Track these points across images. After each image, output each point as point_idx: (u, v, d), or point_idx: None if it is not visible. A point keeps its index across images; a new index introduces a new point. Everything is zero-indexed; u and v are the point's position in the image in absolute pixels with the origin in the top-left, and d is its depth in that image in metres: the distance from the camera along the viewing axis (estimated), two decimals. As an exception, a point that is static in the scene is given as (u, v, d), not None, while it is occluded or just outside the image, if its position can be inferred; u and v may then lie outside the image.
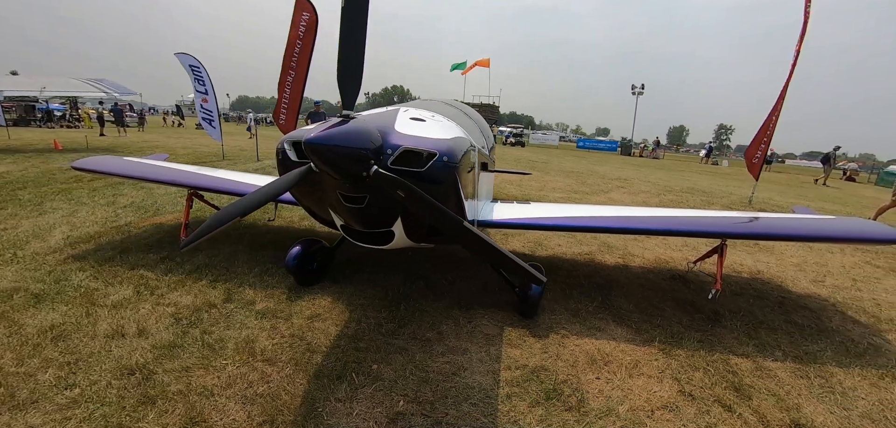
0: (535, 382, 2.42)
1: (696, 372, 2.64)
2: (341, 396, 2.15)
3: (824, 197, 14.22)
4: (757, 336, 3.15)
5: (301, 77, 10.02)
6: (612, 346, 2.88)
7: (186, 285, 3.30)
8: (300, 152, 2.09)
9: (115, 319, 2.72)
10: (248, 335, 2.65)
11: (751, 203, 9.84)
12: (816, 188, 17.64)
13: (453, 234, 1.77)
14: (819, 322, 3.45)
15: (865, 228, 3.22)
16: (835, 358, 2.89)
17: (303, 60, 9.89)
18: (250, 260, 3.90)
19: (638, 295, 3.78)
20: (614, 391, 2.40)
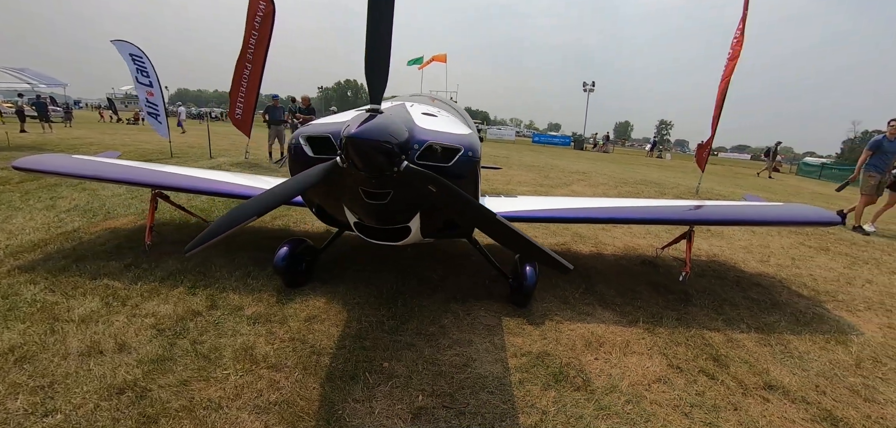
0: (542, 366, 2.52)
1: (678, 347, 2.89)
2: (358, 396, 2.11)
3: (760, 187, 15.87)
4: (723, 312, 3.48)
5: (258, 70, 9.52)
6: (602, 328, 3.06)
7: (162, 293, 3.05)
8: (316, 147, 2.00)
9: (86, 335, 2.45)
10: (244, 342, 2.51)
11: (697, 192, 10.78)
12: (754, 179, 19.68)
13: (485, 225, 1.80)
14: (771, 297, 3.89)
15: (809, 213, 3.69)
16: (788, 327, 3.28)
17: (259, 53, 9.40)
18: (228, 263, 3.66)
19: (616, 280, 4.02)
20: (613, 370, 2.56)
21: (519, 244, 1.78)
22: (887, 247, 6.17)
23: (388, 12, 1.60)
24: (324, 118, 2.35)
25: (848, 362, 2.81)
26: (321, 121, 2.24)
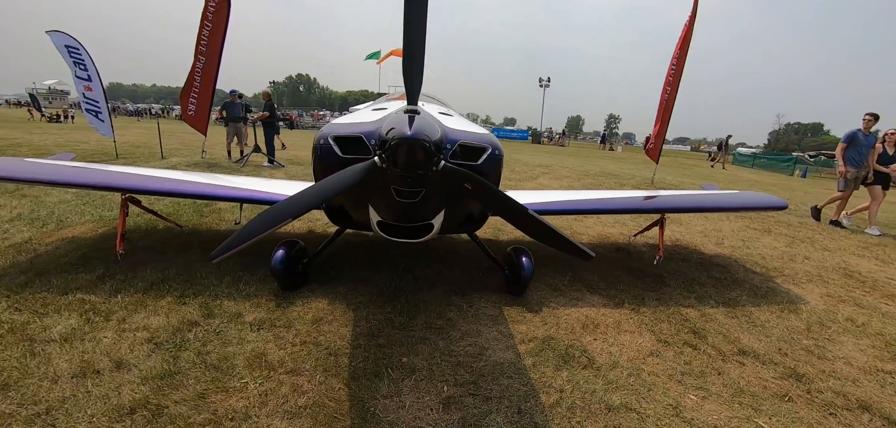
0: (549, 350, 2.68)
1: (662, 324, 3.17)
2: (386, 392, 2.14)
3: (705, 176, 17.35)
4: (694, 290, 3.86)
5: (213, 63, 8.96)
6: (594, 312, 3.29)
7: (148, 305, 2.85)
8: (345, 148, 1.98)
9: (74, 355, 2.26)
10: (254, 349, 2.43)
11: (653, 183, 11.63)
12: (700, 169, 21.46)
13: (516, 218, 1.89)
14: (730, 275, 4.35)
15: (761, 199, 4.18)
16: (749, 300, 3.71)
17: (214, 45, 8.85)
18: (214, 269, 3.48)
19: (597, 268, 4.29)
20: (612, 348, 2.78)
21: (546, 235, 1.90)
22: (817, 228, 7.08)
23: (422, 14, 1.63)
24: (343, 118, 2.33)
25: (801, 328, 3.24)
26: (343, 121, 2.22)
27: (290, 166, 10.16)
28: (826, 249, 5.56)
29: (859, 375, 2.63)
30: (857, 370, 2.69)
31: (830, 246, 5.76)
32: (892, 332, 3.24)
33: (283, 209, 1.74)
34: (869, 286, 4.20)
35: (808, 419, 2.19)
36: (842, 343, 3.03)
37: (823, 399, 2.37)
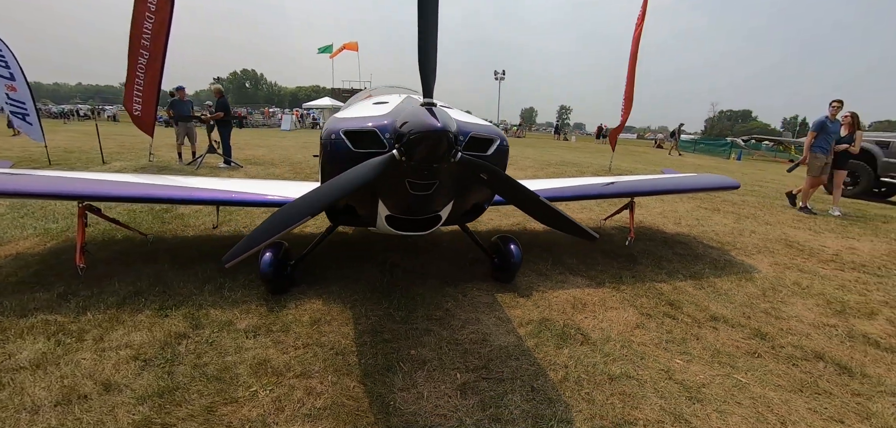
0: (547, 331, 2.81)
1: (641, 299, 3.42)
2: (401, 385, 2.15)
3: (654, 161, 18.56)
4: (663, 267, 4.18)
5: (158, 59, 8.29)
6: (580, 292, 3.48)
7: (125, 321, 2.64)
8: (356, 142, 1.94)
9: (52, 382, 2.05)
10: (254, 356, 2.34)
11: (610, 169, 12.31)
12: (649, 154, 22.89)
13: (529, 205, 1.96)
14: (692, 251, 4.75)
15: (718, 180, 4.60)
16: (711, 272, 4.08)
17: (158, 39, 8.17)
18: (191, 278, 3.28)
19: (574, 251, 4.52)
20: (602, 324, 2.96)
21: (555, 219, 2.00)
22: (759, 204, 7.86)
23: (435, 11, 1.65)
24: (344, 113, 2.27)
25: (757, 293, 3.63)
26: (348, 115, 2.16)
27: (250, 166, 9.65)
28: (768, 224, 6.22)
29: (810, 330, 3.01)
30: (808, 326, 3.07)
31: (771, 221, 6.45)
32: (831, 291, 3.71)
33: (300, 208, 1.69)
34: (807, 254, 4.77)
35: (777, 371, 2.48)
36: (792, 304, 3.44)
37: (786, 353, 2.68)
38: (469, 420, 1.93)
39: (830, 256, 4.69)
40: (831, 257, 4.66)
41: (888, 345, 2.82)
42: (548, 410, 2.01)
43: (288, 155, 12.44)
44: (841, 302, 3.47)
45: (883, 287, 3.84)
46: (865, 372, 2.50)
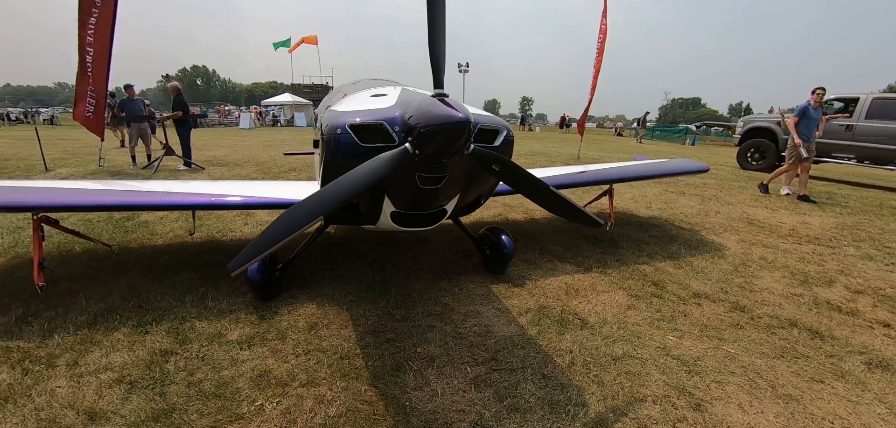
0: (547, 318, 2.86)
1: (628, 281, 3.56)
2: (413, 385, 2.11)
3: (617, 148, 19.31)
4: (643, 249, 4.37)
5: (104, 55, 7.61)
6: (571, 278, 3.57)
7: (100, 341, 2.41)
8: (363, 136, 1.85)
9: (26, 416, 1.84)
10: (253, 368, 2.21)
11: (579, 157, 12.69)
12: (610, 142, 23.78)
13: (539, 195, 1.97)
14: (666, 233, 5.00)
15: (689, 165, 4.86)
16: (686, 252, 4.32)
17: (103, 33, 7.50)
18: (168, 289, 3.05)
19: (558, 239, 4.64)
20: (596, 308, 3.05)
21: (564, 207, 2.02)
22: (718, 186, 8.38)
23: (442, 4, 1.62)
24: (341, 106, 2.17)
25: (730, 269, 3.88)
26: (347, 109, 2.07)
27: (212, 168, 9.10)
28: (729, 204, 6.66)
29: (781, 300, 3.25)
30: (779, 297, 3.32)
31: (732, 201, 6.92)
32: (793, 264, 4.03)
33: (310, 208, 1.60)
34: (767, 230, 5.16)
35: (759, 340, 2.67)
36: (762, 277, 3.70)
37: (763, 323, 2.89)
38: (488, 413, 1.93)
39: (788, 232, 5.09)
40: (789, 232, 5.06)
41: (848, 309, 3.10)
42: (562, 396, 2.05)
43: (252, 154, 11.85)
44: (803, 273, 3.78)
45: (836, 257, 4.23)
46: (833, 335, 2.74)
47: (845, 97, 10.50)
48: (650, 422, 1.91)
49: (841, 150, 10.37)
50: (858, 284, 3.56)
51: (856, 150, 10.17)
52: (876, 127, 9.79)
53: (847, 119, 10.18)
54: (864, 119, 10.02)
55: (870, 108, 9.97)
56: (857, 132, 10.07)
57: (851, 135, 10.15)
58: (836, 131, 10.27)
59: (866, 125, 9.93)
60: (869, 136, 9.89)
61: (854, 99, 10.27)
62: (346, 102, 2.27)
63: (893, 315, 3.01)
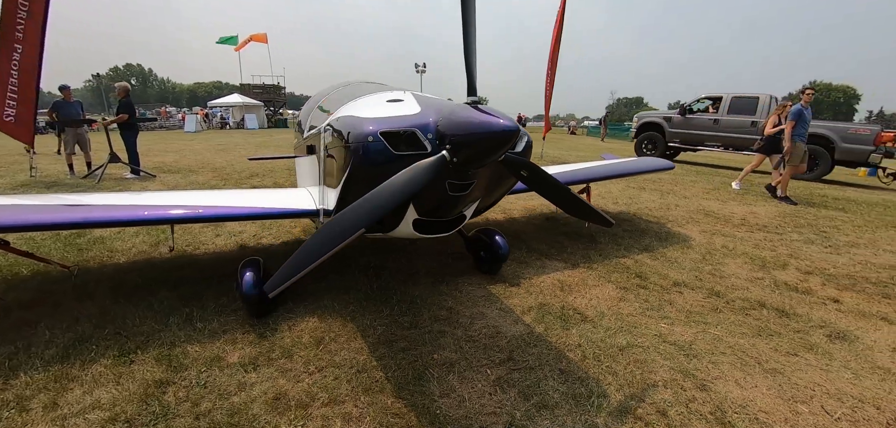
0: (549, 315, 2.96)
1: (614, 274, 3.77)
2: (438, 392, 2.10)
3: (572, 146, 20.18)
4: (620, 243, 4.64)
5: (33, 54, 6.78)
6: (562, 275, 3.71)
7: (78, 377, 2.15)
8: (392, 142, 1.79)
9: (5, 467, 1.61)
10: (266, 390, 2.09)
11: (542, 156, 13.15)
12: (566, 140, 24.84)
13: (560, 197, 2.03)
14: (637, 227, 5.34)
15: (657, 163, 5.22)
16: (658, 244, 4.64)
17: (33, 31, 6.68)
18: (145, 312, 2.79)
19: (540, 237, 4.80)
20: (591, 302, 3.21)
21: (581, 208, 2.11)
22: (672, 181, 9.05)
23: (474, 15, 1.64)
24: (363, 112, 2.09)
25: (699, 258, 4.23)
26: (373, 115, 2.00)
27: (164, 175, 8.38)
28: (685, 197, 7.24)
29: (747, 284, 3.60)
30: (744, 281, 3.67)
31: (687, 194, 7.52)
32: (750, 250, 4.47)
33: (351, 221, 1.54)
34: (723, 221, 5.67)
35: (737, 321, 2.94)
36: (727, 264, 4.08)
37: (738, 305, 3.19)
38: (518, 413, 1.97)
39: (740, 221, 5.64)
40: (741, 222, 5.60)
41: (804, 288, 3.51)
42: (583, 389, 2.14)
43: (205, 159, 11.07)
44: (760, 259, 4.20)
45: (784, 243, 4.75)
46: (796, 312, 3.08)
47: (712, 96, 12.60)
48: (666, 405, 2.04)
49: (710, 140, 12.45)
50: (807, 266, 4.03)
51: (721, 139, 12.19)
52: (734, 120, 11.84)
53: (714, 114, 12.29)
54: (726, 114, 12.05)
55: (730, 105, 12.02)
56: (721, 124, 12.13)
57: (718, 127, 12.23)
58: (706, 124, 12.44)
59: (727, 119, 12.00)
60: (729, 128, 11.95)
61: (719, 98, 12.34)
62: (360, 108, 2.20)
63: (840, 292, 3.44)
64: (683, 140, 13.12)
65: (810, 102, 6.97)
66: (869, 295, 3.39)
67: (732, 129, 11.92)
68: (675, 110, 13.39)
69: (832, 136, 10.22)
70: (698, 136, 12.64)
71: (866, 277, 3.75)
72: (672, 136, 13.26)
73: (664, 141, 13.42)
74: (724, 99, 12.19)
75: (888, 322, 2.95)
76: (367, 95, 2.43)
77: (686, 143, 13.10)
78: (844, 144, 10.08)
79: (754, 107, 11.61)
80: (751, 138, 11.23)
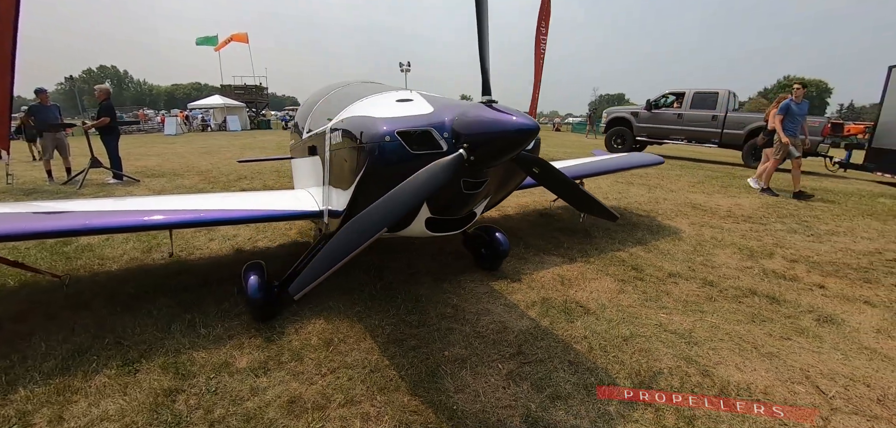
0: (553, 308, 3.01)
1: (611, 267, 3.86)
2: (452, 388, 2.12)
3: (559, 143, 20.44)
4: (614, 237, 4.75)
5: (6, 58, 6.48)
6: (561, 270, 3.78)
7: (81, 389, 2.09)
8: (409, 141, 1.80)
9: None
10: (279, 394, 2.07)
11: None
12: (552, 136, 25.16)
13: (570, 193, 2.08)
14: (628, 221, 5.46)
15: (647, 159, 5.35)
16: (650, 237, 4.76)
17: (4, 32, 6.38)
18: (145, 320, 2.73)
19: (536, 234, 4.87)
20: (593, 294, 3.28)
21: (589, 203, 2.16)
22: (658, 175, 9.26)
23: (486, 12, 1.67)
24: (374, 111, 2.09)
25: (690, 249, 4.36)
26: (385, 115, 2.00)
27: (148, 180, 8.15)
28: (672, 191, 7.44)
29: (737, 273, 3.74)
30: (735, 270, 3.81)
31: (673, 188, 7.73)
32: (738, 241, 4.64)
33: (373, 221, 1.55)
34: (710, 213, 5.85)
35: (731, 309, 3.05)
36: (717, 254, 4.22)
37: (730, 294, 3.31)
38: (533, 405, 2.01)
39: (726, 213, 5.83)
40: (727, 214, 5.80)
41: (790, 276, 3.66)
42: (594, 378, 2.19)
43: (189, 163, 10.81)
44: (748, 248, 4.37)
45: (769, 232, 4.94)
46: (785, 299, 3.22)
47: (676, 91, 13.21)
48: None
49: (674, 134, 13.01)
50: (792, 254, 4.20)
51: (685, 133, 12.74)
52: (696, 114, 12.43)
53: (678, 109, 12.87)
54: (689, 108, 12.60)
55: (692, 100, 12.57)
56: (685, 119, 12.69)
57: (682, 121, 12.77)
58: (671, 119, 12.95)
59: (690, 113, 12.56)
60: (692, 122, 12.53)
61: (682, 93, 12.95)
62: (370, 108, 2.19)
63: (824, 278, 3.61)
64: (650, 134, 13.64)
65: (802, 97, 6.90)
66: (851, 280, 3.57)
67: (695, 123, 12.47)
68: (641, 106, 13.96)
69: None
70: (664, 131, 13.22)
71: (848, 264, 3.94)
72: (639, 131, 13.76)
73: (632, 135, 13.88)
74: (687, 94, 12.70)
75: (871, 305, 3.12)
76: (374, 95, 2.43)
77: (652, 136, 13.65)
78: None
79: (714, 102, 12.16)
80: (712, 132, 12.15)
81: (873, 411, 2.01)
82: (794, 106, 6.82)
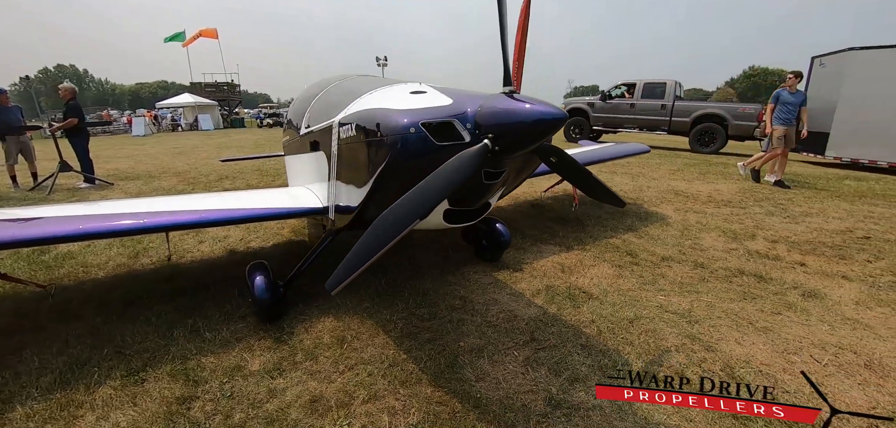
0: (558, 296, 3.08)
1: (607, 254, 3.98)
2: (473, 377, 2.15)
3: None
4: (605, 225, 4.89)
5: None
6: (560, 258, 3.87)
7: (88, 403, 2.00)
8: (434, 133, 1.79)
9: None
10: (300, 394, 2.05)
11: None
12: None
13: (584, 181, 2.12)
14: (616, 209, 5.62)
15: (635, 147, 5.51)
16: (640, 223, 4.93)
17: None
18: (144, 326, 2.62)
19: (531, 224, 4.96)
20: (593, 280, 3.37)
21: (599, 190, 2.22)
22: (640, 164, 9.55)
23: (505, 6, 1.69)
24: (390, 103, 2.07)
25: (678, 234, 4.54)
26: (404, 107, 1.98)
27: (123, 182, 7.76)
28: (654, 178, 7.70)
29: (724, 255, 3.92)
30: (722, 252, 4.00)
31: (656, 176, 7.99)
32: (721, 224, 4.86)
33: (406, 213, 1.54)
34: (692, 199, 6.10)
35: (723, 288, 3.21)
36: (703, 238, 4.41)
37: (720, 274, 3.47)
38: (553, 388, 2.06)
39: (707, 199, 6.09)
40: (708, 199, 6.06)
41: (773, 255, 3.87)
42: (608, 361, 2.27)
43: (163, 164, 10.35)
44: (731, 231, 4.58)
45: (749, 216, 5.19)
46: (771, 277, 3.41)
47: (628, 82, 13.88)
48: (682, 367, 2.22)
49: (628, 123, 13.64)
50: (772, 235, 4.44)
51: (637, 122, 13.38)
52: (647, 104, 13.09)
53: (631, 99, 13.53)
54: (640, 98, 13.24)
55: (643, 90, 13.21)
56: (637, 108, 13.32)
57: (634, 111, 13.41)
58: (624, 108, 13.57)
59: (641, 102, 13.21)
60: (643, 111, 13.18)
61: (633, 84, 13.64)
62: (384, 101, 2.16)
63: (804, 256, 3.84)
64: (606, 123, 14.25)
65: (796, 86, 6.72)
66: (828, 257, 3.82)
67: (646, 112, 13.12)
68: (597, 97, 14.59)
69: (725, 115, 11.90)
70: (618, 120, 13.88)
71: (823, 242, 4.20)
72: (596, 121, 14.32)
73: (589, 125, 14.43)
74: (638, 85, 13.32)
75: (848, 280, 3.34)
76: (383, 88, 2.40)
77: (608, 126, 14.30)
78: (736, 121, 11.74)
79: (663, 91, 12.82)
80: (661, 119, 12.88)
81: (863, 376, 2.17)
82: (785, 94, 6.67)
